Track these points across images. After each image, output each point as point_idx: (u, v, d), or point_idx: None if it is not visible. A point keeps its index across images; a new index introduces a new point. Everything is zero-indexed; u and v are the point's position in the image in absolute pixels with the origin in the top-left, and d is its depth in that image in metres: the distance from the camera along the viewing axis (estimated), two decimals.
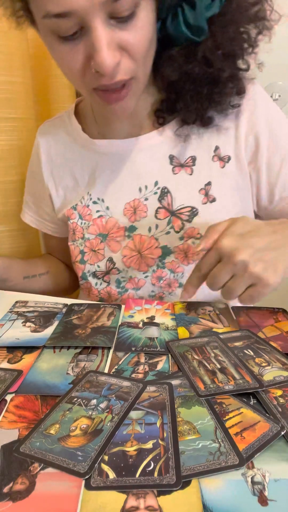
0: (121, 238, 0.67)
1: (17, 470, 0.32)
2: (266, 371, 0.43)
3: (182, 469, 0.31)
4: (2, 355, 0.48)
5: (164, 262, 0.66)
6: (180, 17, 0.51)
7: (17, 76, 0.86)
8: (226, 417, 0.37)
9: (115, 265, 0.68)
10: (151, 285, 0.67)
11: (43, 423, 0.36)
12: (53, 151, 0.72)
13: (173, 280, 0.66)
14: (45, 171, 0.72)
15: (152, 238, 0.65)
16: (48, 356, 0.47)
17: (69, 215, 0.70)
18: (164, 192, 0.64)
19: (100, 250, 0.68)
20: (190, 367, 0.44)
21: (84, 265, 0.70)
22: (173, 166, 0.63)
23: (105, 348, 0.49)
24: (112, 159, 0.66)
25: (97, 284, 0.70)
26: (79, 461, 0.32)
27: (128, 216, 0.66)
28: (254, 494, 0.30)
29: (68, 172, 0.70)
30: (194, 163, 0.63)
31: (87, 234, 0.68)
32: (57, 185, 0.72)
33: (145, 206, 0.65)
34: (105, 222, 0.67)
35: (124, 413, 0.37)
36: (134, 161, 0.65)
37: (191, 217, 0.63)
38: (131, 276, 0.68)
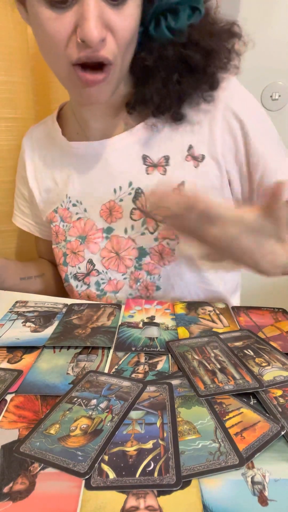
0: (99, 240, 0.67)
1: (17, 470, 0.32)
2: (266, 371, 0.43)
3: (182, 469, 0.31)
4: (2, 355, 0.48)
5: (141, 263, 0.66)
6: (162, 23, 0.53)
7: (17, 76, 0.86)
8: (226, 417, 0.37)
9: (94, 267, 0.68)
10: (128, 287, 0.67)
11: (43, 423, 0.36)
12: (36, 154, 0.73)
13: (150, 283, 0.66)
14: (29, 175, 0.74)
15: (129, 239, 0.65)
16: (48, 356, 0.47)
17: (51, 218, 0.71)
18: (138, 192, 0.63)
19: (80, 252, 0.69)
20: (190, 367, 0.44)
21: (67, 267, 0.70)
22: (147, 166, 0.63)
23: (105, 348, 0.49)
24: (88, 161, 0.66)
25: (78, 287, 0.70)
26: (79, 461, 0.32)
27: (105, 217, 0.66)
28: (254, 494, 0.30)
29: (49, 175, 0.71)
30: (167, 162, 0.63)
31: (69, 236, 0.69)
32: (40, 188, 0.73)
33: (120, 207, 0.65)
34: (84, 224, 0.68)
35: (124, 413, 0.37)
36: (108, 162, 0.65)
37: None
38: (110, 277, 0.68)
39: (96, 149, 0.65)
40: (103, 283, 0.68)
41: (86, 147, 0.66)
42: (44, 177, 0.72)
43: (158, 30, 0.54)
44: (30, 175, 0.74)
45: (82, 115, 0.65)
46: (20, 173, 0.78)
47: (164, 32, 0.54)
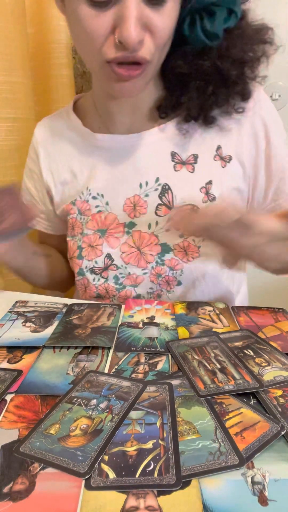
0: (120, 234, 0.66)
1: (17, 470, 0.32)
2: (266, 371, 0.43)
3: (182, 469, 0.31)
4: (2, 355, 0.48)
5: (164, 259, 0.65)
6: (197, 24, 0.53)
7: (17, 76, 0.87)
8: (226, 417, 0.37)
9: (113, 261, 0.67)
10: (149, 282, 0.67)
11: (43, 423, 0.36)
12: (50, 146, 0.71)
13: (172, 278, 0.66)
14: (43, 167, 0.72)
15: (152, 235, 0.65)
16: (48, 356, 0.47)
17: (68, 210, 0.70)
18: (165, 188, 0.63)
19: (98, 246, 0.68)
20: (190, 367, 0.44)
21: (82, 261, 0.69)
22: (175, 163, 0.63)
23: (105, 348, 0.49)
24: (113, 154, 0.65)
25: (95, 280, 0.69)
26: (79, 461, 0.32)
27: (128, 212, 0.65)
28: (254, 494, 0.30)
29: (66, 167, 0.70)
30: (195, 161, 0.63)
31: (86, 229, 0.68)
32: (55, 180, 0.71)
33: (145, 202, 0.64)
34: (104, 217, 0.67)
35: (124, 413, 0.37)
36: (136, 156, 0.64)
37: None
38: (130, 272, 0.67)
39: (123, 143, 0.65)
40: (122, 277, 0.68)
41: (113, 140, 0.65)
42: (61, 169, 0.70)
43: (192, 31, 0.54)
44: (44, 166, 0.72)
45: (108, 108, 0.64)
46: (30, 167, 0.75)
47: (199, 35, 0.53)
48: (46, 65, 0.99)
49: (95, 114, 0.68)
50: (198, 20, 0.53)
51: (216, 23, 0.52)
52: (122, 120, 0.65)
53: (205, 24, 0.52)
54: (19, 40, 0.84)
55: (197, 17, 0.53)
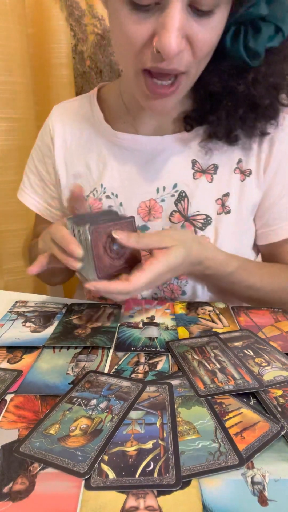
0: None
1: (17, 470, 0.32)
2: (266, 371, 0.43)
3: (182, 469, 0.31)
4: (2, 355, 0.48)
5: None
6: (241, 37, 0.50)
7: (17, 76, 0.87)
8: (226, 417, 0.37)
9: None
10: (155, 288, 0.66)
11: (43, 423, 0.36)
12: (68, 135, 0.68)
13: (176, 287, 0.65)
14: (58, 156, 0.69)
15: None
16: (48, 356, 0.47)
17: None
18: (181, 196, 0.62)
19: None
20: (190, 367, 0.44)
21: None
22: (195, 171, 0.63)
23: (105, 348, 0.49)
24: (133, 154, 0.64)
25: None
26: (79, 461, 0.32)
27: (142, 215, 0.64)
28: (254, 494, 0.30)
29: (81, 159, 0.67)
30: (215, 171, 0.62)
31: None
32: (68, 171, 0.69)
33: (160, 207, 0.63)
34: None
35: (124, 413, 0.37)
36: (156, 160, 0.63)
37: (204, 226, 0.62)
38: None
39: (145, 145, 0.63)
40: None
41: (135, 141, 0.64)
42: (76, 160, 0.68)
43: (234, 44, 0.51)
44: (58, 155, 0.69)
45: (139, 110, 0.63)
46: (41, 150, 0.72)
47: (240, 50, 0.50)
48: (46, 65, 0.99)
49: (121, 108, 0.66)
50: (242, 34, 0.49)
51: (260, 39, 0.49)
52: (151, 122, 0.64)
53: (249, 39, 0.49)
54: (19, 40, 0.85)
55: (242, 29, 0.49)
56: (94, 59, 1.10)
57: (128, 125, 0.65)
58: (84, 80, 1.11)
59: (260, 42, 0.49)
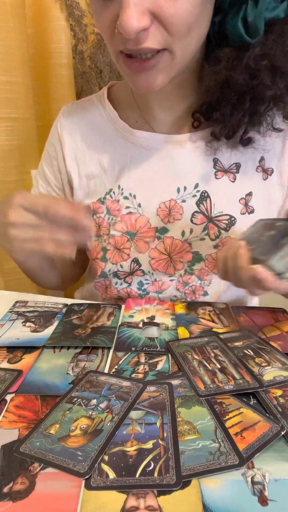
0: (151, 239, 0.63)
1: (17, 470, 0.32)
2: (266, 371, 0.43)
3: (182, 469, 0.31)
4: (2, 355, 0.48)
5: (193, 268, 0.63)
6: (241, 13, 0.47)
7: (17, 76, 0.87)
8: (226, 417, 0.37)
9: (140, 267, 0.64)
10: (175, 290, 0.65)
11: (43, 423, 0.36)
12: (78, 134, 0.65)
13: (199, 288, 0.64)
14: (68, 155, 0.66)
15: (185, 242, 0.62)
16: (48, 356, 0.47)
17: (96, 209, 0.64)
18: (203, 196, 0.60)
19: (125, 250, 0.63)
20: (190, 367, 0.44)
21: (105, 263, 0.65)
22: (216, 170, 0.60)
23: (105, 348, 0.49)
24: (152, 153, 0.61)
25: (117, 284, 0.66)
26: (79, 461, 0.32)
27: (162, 216, 0.62)
28: (254, 494, 0.30)
29: (95, 159, 0.64)
30: (238, 170, 0.60)
31: (113, 230, 0.63)
32: (80, 172, 0.65)
33: (181, 208, 0.61)
34: (135, 220, 0.62)
35: (124, 413, 0.37)
36: (175, 159, 0.61)
37: (229, 226, 0.61)
38: (156, 279, 0.64)
39: (163, 143, 0.61)
40: (147, 283, 0.65)
41: (152, 139, 0.61)
42: (88, 160, 0.65)
43: (234, 19, 0.48)
44: (69, 155, 0.66)
45: (147, 103, 0.61)
46: (49, 153, 0.69)
47: (237, 26, 0.47)
48: (46, 65, 0.99)
49: (133, 107, 0.63)
50: (243, 10, 0.47)
51: (259, 9, 0.45)
52: (162, 118, 0.61)
53: (248, 13, 0.46)
54: (19, 40, 0.85)
55: (243, 7, 0.46)
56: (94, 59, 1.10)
57: (142, 123, 0.62)
58: (84, 80, 1.11)
59: (259, 14, 0.46)
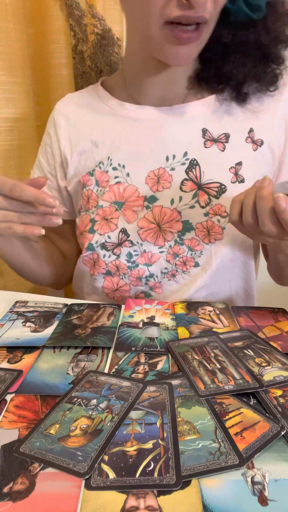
0: (139, 208, 0.63)
1: (17, 470, 0.32)
2: (266, 371, 0.43)
3: (182, 469, 0.31)
4: (2, 355, 0.48)
5: (183, 238, 0.63)
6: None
7: (17, 76, 0.87)
8: (226, 417, 0.37)
9: (128, 237, 0.64)
10: (165, 261, 0.64)
11: (43, 423, 0.36)
12: (72, 115, 0.69)
13: (190, 259, 0.63)
14: (62, 137, 0.69)
15: (175, 211, 0.62)
16: (48, 356, 0.47)
17: (85, 182, 0.66)
18: (193, 163, 0.61)
19: (113, 220, 0.64)
20: (190, 367, 0.44)
21: (93, 235, 0.65)
22: (205, 139, 0.62)
23: (105, 348, 0.49)
24: (141, 125, 0.64)
25: (105, 256, 0.65)
26: (79, 461, 0.32)
27: (150, 185, 0.63)
28: (254, 494, 0.30)
29: (86, 136, 0.67)
30: (227, 140, 0.62)
31: (101, 201, 0.64)
32: (73, 150, 0.68)
33: (170, 176, 0.62)
34: (123, 189, 0.63)
35: (124, 413, 0.37)
36: (164, 128, 0.63)
37: (219, 194, 0.61)
38: (145, 250, 0.64)
39: (152, 114, 0.63)
40: (136, 255, 0.65)
41: (142, 111, 0.64)
42: (80, 139, 0.68)
43: (234, 3, 0.53)
44: (63, 137, 0.69)
45: (142, 80, 0.63)
46: (44, 142, 0.73)
47: (241, 6, 0.53)
48: (46, 65, 0.99)
49: (123, 88, 0.67)
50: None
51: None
52: (154, 93, 0.64)
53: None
54: (19, 40, 0.84)
55: None
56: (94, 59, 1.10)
57: (132, 101, 0.65)
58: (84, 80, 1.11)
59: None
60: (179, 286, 0.66)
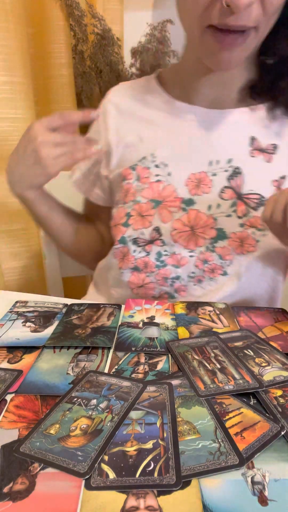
0: (175, 209, 0.62)
1: (17, 470, 0.32)
2: (266, 371, 0.43)
3: (182, 469, 0.31)
4: (2, 355, 0.48)
5: (215, 245, 0.62)
6: None
7: (17, 76, 0.87)
8: (226, 417, 0.37)
9: (161, 236, 0.63)
10: (193, 266, 0.63)
11: (43, 423, 0.36)
12: (123, 106, 0.69)
13: (219, 266, 0.63)
14: (111, 126, 0.68)
15: (210, 217, 0.61)
16: (48, 356, 0.47)
17: (126, 175, 0.66)
18: (236, 172, 0.60)
19: (148, 217, 0.63)
20: (190, 367, 0.44)
21: (127, 229, 0.65)
22: (252, 148, 0.60)
23: (105, 348, 0.49)
24: (190, 125, 0.63)
25: (135, 252, 0.65)
26: (79, 461, 0.32)
27: (190, 187, 0.62)
28: (254, 494, 0.30)
29: (133, 129, 0.67)
30: (275, 151, 0.60)
31: (139, 197, 0.64)
32: (119, 142, 0.68)
33: (210, 181, 0.61)
34: (162, 188, 0.63)
35: (124, 413, 0.37)
36: (212, 132, 0.62)
37: (258, 206, 0.60)
38: (175, 252, 0.63)
39: (203, 116, 0.62)
40: (166, 255, 0.64)
41: (192, 111, 0.63)
42: (128, 131, 0.67)
43: None
44: (111, 126, 0.68)
45: (196, 81, 0.62)
46: (93, 128, 0.72)
47: None
48: (46, 65, 0.99)
49: (176, 84, 0.66)
50: None
51: None
52: (206, 94, 0.62)
53: None
54: (19, 40, 0.85)
55: None
56: (94, 59, 1.10)
57: (184, 98, 0.64)
58: (84, 80, 1.11)
59: None
60: (204, 292, 0.65)
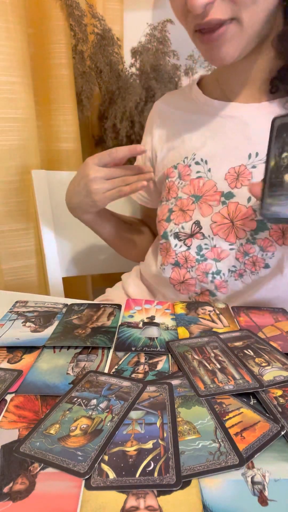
0: (215, 203, 0.64)
1: (17, 470, 0.32)
2: (266, 371, 0.43)
3: (182, 469, 0.31)
4: (2, 355, 0.48)
5: (256, 237, 0.61)
6: None
7: (17, 76, 0.87)
8: (226, 417, 0.37)
9: (201, 229, 0.65)
10: (234, 259, 0.63)
11: (43, 423, 0.36)
12: (167, 113, 0.74)
13: (260, 259, 0.62)
14: (155, 133, 0.74)
15: (250, 209, 0.61)
16: (48, 356, 0.47)
17: (169, 174, 0.70)
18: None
19: (189, 211, 0.65)
20: (190, 367, 0.44)
21: (169, 224, 0.68)
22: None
23: (105, 348, 0.49)
24: (228, 121, 0.65)
25: (177, 246, 0.67)
26: (79, 461, 0.32)
27: (229, 181, 0.63)
28: (254, 494, 0.30)
29: (176, 133, 0.70)
30: None
31: (181, 193, 0.67)
32: (163, 146, 0.73)
33: (250, 173, 0.61)
34: (202, 184, 0.65)
35: (124, 413, 0.37)
36: (250, 126, 0.63)
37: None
38: (215, 245, 0.64)
39: (239, 111, 0.64)
40: (206, 248, 0.65)
41: (230, 107, 0.65)
42: (171, 135, 0.71)
43: None
44: (156, 133, 0.74)
45: (225, 77, 0.65)
46: (147, 128, 0.78)
47: None
48: (46, 65, 0.99)
49: (216, 86, 0.68)
50: None
51: None
52: (239, 90, 0.64)
53: None
54: (19, 40, 0.85)
55: None
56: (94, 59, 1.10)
57: (223, 97, 0.67)
58: (84, 80, 1.11)
59: None
60: (245, 286, 0.65)
